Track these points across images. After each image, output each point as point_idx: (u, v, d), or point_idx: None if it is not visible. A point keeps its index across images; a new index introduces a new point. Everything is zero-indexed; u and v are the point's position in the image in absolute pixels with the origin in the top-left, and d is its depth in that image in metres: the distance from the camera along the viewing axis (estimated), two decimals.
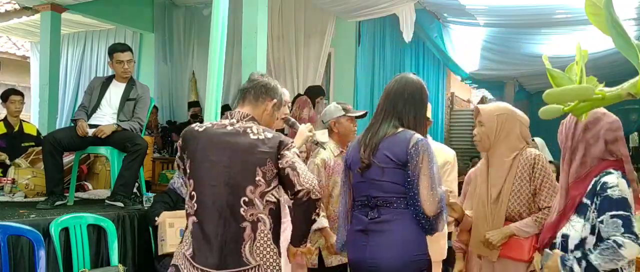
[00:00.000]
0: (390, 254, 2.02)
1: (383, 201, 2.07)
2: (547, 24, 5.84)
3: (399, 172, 2.06)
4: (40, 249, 2.89)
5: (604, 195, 1.81)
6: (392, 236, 2.04)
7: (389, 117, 2.16)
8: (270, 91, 2.13)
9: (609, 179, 1.83)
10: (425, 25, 6.34)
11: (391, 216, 2.05)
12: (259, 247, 1.88)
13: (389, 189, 2.06)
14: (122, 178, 3.77)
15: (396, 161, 2.06)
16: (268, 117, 2.14)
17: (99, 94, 3.99)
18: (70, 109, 7.56)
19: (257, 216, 1.90)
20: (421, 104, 2.19)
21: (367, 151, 2.12)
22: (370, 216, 2.09)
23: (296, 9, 6.28)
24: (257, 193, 1.90)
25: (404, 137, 2.08)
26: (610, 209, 1.78)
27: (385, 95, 2.21)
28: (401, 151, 2.05)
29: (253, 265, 1.87)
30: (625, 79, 0.96)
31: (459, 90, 10.21)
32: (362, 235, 2.11)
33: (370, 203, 2.10)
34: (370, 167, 2.10)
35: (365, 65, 6.55)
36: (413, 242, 2.04)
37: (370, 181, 2.10)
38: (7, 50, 10.11)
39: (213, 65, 3.56)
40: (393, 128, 2.13)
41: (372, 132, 2.16)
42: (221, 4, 3.54)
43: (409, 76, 2.24)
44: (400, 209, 2.05)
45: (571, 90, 0.99)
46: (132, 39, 7.46)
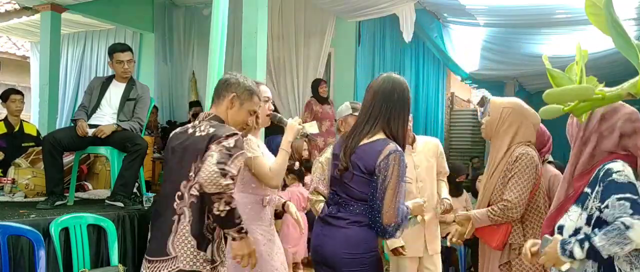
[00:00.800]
0: (331, 247, 2.14)
1: (344, 201, 2.16)
2: (547, 24, 5.84)
3: (366, 182, 2.10)
4: (40, 249, 2.89)
5: (608, 180, 1.69)
6: (339, 233, 2.14)
7: (374, 118, 2.15)
8: (231, 86, 2.18)
9: (613, 165, 1.72)
10: (425, 25, 6.34)
11: (345, 215, 2.14)
12: (178, 238, 1.98)
13: (352, 194, 2.14)
14: (122, 178, 3.77)
15: (365, 171, 2.10)
16: (234, 113, 2.18)
17: (99, 94, 3.99)
18: (70, 109, 7.56)
19: (182, 209, 2.00)
20: (408, 105, 2.20)
21: (347, 153, 2.16)
22: (329, 210, 2.22)
23: (296, 9, 6.28)
24: (188, 187, 2.00)
25: (376, 148, 2.09)
26: (616, 192, 1.65)
27: (372, 94, 2.18)
28: (371, 162, 2.08)
29: (172, 256, 1.96)
30: (625, 79, 0.96)
31: (459, 90, 10.21)
32: (320, 224, 2.26)
33: (334, 199, 2.21)
34: (346, 170, 2.15)
35: (365, 65, 6.55)
36: (353, 243, 2.11)
37: (341, 180, 2.17)
38: (7, 50, 10.11)
39: (213, 65, 3.56)
40: (373, 133, 2.13)
41: (355, 133, 2.18)
42: (221, 4, 3.53)
43: (395, 76, 2.22)
44: (356, 212, 2.13)
45: (571, 90, 0.99)
46: (132, 39, 7.46)
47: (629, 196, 1.62)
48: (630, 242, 1.57)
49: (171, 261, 1.96)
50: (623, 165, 1.74)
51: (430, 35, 6.58)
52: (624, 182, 1.66)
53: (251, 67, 3.82)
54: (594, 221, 1.73)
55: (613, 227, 1.59)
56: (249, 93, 2.20)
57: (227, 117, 2.15)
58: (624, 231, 1.57)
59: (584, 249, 1.63)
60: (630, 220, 1.57)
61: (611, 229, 1.60)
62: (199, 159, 1.98)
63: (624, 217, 1.58)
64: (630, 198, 1.62)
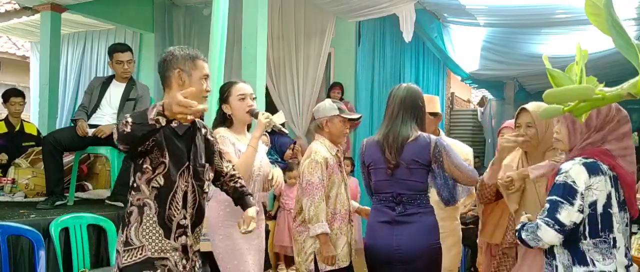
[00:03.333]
0: (413, 242, 2.36)
1: (408, 197, 2.40)
2: (547, 24, 5.84)
3: (424, 172, 2.41)
4: (40, 249, 2.89)
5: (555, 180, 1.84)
6: (415, 226, 2.38)
7: (407, 121, 2.44)
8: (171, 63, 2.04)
9: (565, 165, 1.82)
10: (425, 25, 6.33)
11: (415, 210, 2.40)
12: (145, 229, 1.97)
13: (414, 187, 2.40)
14: (122, 178, 3.77)
15: (422, 163, 2.39)
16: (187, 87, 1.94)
17: (99, 94, 3.99)
18: (70, 109, 7.56)
19: (143, 201, 1.98)
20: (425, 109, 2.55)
21: (393, 152, 2.40)
22: (398, 211, 2.41)
23: (296, 9, 6.28)
24: (144, 180, 1.97)
25: (424, 142, 2.41)
26: (551, 193, 1.82)
27: (399, 100, 2.48)
28: (425, 154, 2.39)
29: (137, 246, 1.97)
30: (625, 79, 0.96)
31: (459, 90, 10.21)
32: (387, 226, 2.42)
33: (396, 199, 2.41)
34: (398, 167, 2.39)
35: (365, 65, 6.55)
36: (431, 232, 2.41)
37: (396, 179, 2.41)
38: (7, 50, 10.11)
39: (213, 65, 3.56)
40: (413, 132, 2.42)
41: (393, 135, 2.43)
42: (221, 4, 3.54)
43: (414, 86, 2.57)
44: (423, 204, 2.42)
45: (571, 90, 0.99)
46: (132, 39, 7.46)
47: (554, 197, 1.79)
48: (540, 239, 1.81)
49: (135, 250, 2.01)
50: (574, 164, 1.80)
51: (430, 35, 6.57)
52: (560, 183, 1.80)
53: (251, 67, 3.82)
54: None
55: (532, 225, 1.85)
56: (191, 60, 2.03)
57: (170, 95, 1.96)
58: (536, 230, 1.82)
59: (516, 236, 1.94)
60: (540, 222, 1.81)
61: (530, 226, 1.85)
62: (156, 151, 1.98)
63: (539, 218, 1.82)
64: (553, 200, 1.79)
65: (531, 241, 1.85)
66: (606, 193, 1.78)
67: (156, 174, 1.98)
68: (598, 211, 1.78)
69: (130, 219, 1.99)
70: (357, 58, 6.46)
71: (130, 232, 1.98)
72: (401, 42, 6.06)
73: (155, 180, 1.98)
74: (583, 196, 1.77)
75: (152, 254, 1.98)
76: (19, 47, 10.24)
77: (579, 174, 1.77)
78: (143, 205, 1.98)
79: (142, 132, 1.76)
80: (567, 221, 1.77)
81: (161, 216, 1.99)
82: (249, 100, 2.68)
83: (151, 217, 1.99)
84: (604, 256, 1.79)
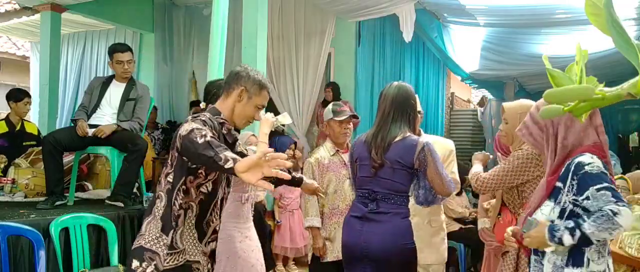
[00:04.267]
0: (382, 241, 2.34)
1: (382, 195, 2.38)
2: (547, 24, 5.83)
3: (406, 173, 2.38)
4: (40, 249, 2.89)
5: (581, 172, 1.76)
6: (384, 226, 2.36)
7: (397, 121, 2.42)
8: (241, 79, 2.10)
9: (583, 158, 1.79)
10: (425, 25, 6.33)
11: (387, 209, 2.38)
12: (152, 219, 2.01)
13: (392, 187, 2.38)
14: (122, 178, 3.77)
15: (405, 164, 2.36)
16: (241, 106, 2.07)
17: (99, 94, 3.99)
18: (70, 109, 7.56)
19: (188, 204, 2.01)
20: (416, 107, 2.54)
21: (379, 151, 2.38)
22: (370, 207, 2.40)
23: (296, 9, 6.28)
24: (164, 174, 2.03)
25: (411, 143, 2.37)
26: (593, 183, 1.73)
27: (390, 100, 2.45)
28: (410, 156, 2.36)
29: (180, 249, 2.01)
30: (625, 79, 0.96)
31: (459, 90, 10.21)
32: (358, 221, 2.42)
33: (371, 196, 2.40)
34: (383, 166, 2.38)
35: (365, 65, 6.54)
36: (402, 233, 2.37)
37: (378, 178, 2.39)
38: (7, 50, 10.11)
39: (213, 65, 3.56)
40: (401, 132, 2.40)
41: (382, 135, 2.41)
42: (221, 4, 3.54)
43: (405, 84, 2.54)
44: (397, 204, 2.38)
45: (571, 90, 0.99)
46: (132, 39, 7.46)
47: (606, 185, 1.72)
48: (619, 227, 1.67)
49: (140, 237, 2.01)
50: (591, 157, 1.79)
51: (430, 35, 6.57)
52: (597, 173, 1.75)
53: (251, 67, 3.82)
54: (568, 213, 1.80)
55: (601, 214, 1.68)
56: (258, 87, 2.11)
57: (232, 110, 2.08)
58: (613, 217, 1.66)
59: (575, 237, 1.71)
60: (617, 207, 1.67)
61: (600, 216, 1.68)
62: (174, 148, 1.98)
63: (610, 205, 1.68)
64: (608, 187, 1.72)
65: (603, 232, 1.67)
66: None
67: (207, 180, 2.03)
68: None
69: (178, 221, 2.00)
70: (357, 58, 6.46)
71: (176, 235, 2.00)
72: (401, 42, 6.06)
73: (205, 186, 2.03)
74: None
75: (190, 257, 2.03)
76: (19, 47, 10.24)
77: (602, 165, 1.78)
78: (187, 208, 2.01)
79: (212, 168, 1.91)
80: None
81: (200, 220, 2.04)
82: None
83: (191, 220, 2.02)
84: (599, 254, 1.79)
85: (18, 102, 4.81)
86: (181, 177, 1.98)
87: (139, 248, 1.98)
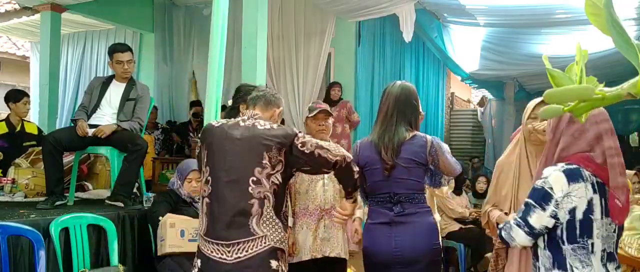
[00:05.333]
0: (414, 243, 2.33)
1: (406, 196, 2.38)
2: (547, 24, 5.84)
3: (421, 170, 2.40)
4: (40, 249, 2.89)
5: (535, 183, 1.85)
6: (416, 227, 2.35)
7: (401, 121, 2.42)
8: (279, 101, 2.47)
9: (546, 170, 1.82)
10: (425, 25, 6.34)
11: (414, 210, 2.38)
12: (265, 220, 2.13)
13: (412, 187, 2.38)
14: (122, 178, 3.77)
15: (419, 162, 2.38)
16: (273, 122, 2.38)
17: (99, 94, 3.98)
18: (70, 109, 7.56)
19: (263, 194, 2.13)
20: (418, 107, 2.55)
21: (389, 153, 2.37)
22: (396, 211, 2.37)
23: (296, 9, 6.28)
24: (264, 174, 2.15)
25: (421, 141, 2.41)
26: (529, 196, 1.84)
27: (394, 100, 2.45)
28: (422, 153, 2.39)
29: (260, 235, 2.10)
30: (625, 79, 0.96)
31: (459, 90, 10.22)
32: (386, 227, 2.38)
33: (393, 199, 2.38)
34: (395, 167, 2.37)
35: (365, 65, 6.54)
36: (432, 232, 2.40)
37: (394, 179, 2.37)
38: (7, 50, 10.11)
39: (213, 65, 3.56)
40: (407, 132, 2.41)
41: (389, 135, 2.40)
42: (221, 4, 3.54)
43: (407, 83, 2.55)
44: (421, 204, 2.40)
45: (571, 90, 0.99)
46: (132, 39, 7.46)
47: (529, 200, 1.82)
48: (513, 239, 1.87)
49: (260, 239, 2.10)
50: (555, 170, 1.79)
51: (430, 35, 6.58)
52: (538, 187, 1.81)
53: (251, 67, 3.82)
54: None
55: (509, 224, 1.89)
56: (282, 115, 2.52)
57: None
58: (510, 230, 1.87)
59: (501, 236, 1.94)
60: (512, 222, 1.86)
61: (508, 225, 1.89)
62: (276, 150, 2.17)
63: (513, 218, 1.87)
64: (528, 203, 1.82)
65: (508, 239, 1.90)
66: (587, 199, 1.75)
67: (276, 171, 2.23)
68: (577, 217, 1.75)
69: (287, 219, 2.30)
70: (357, 58, 6.46)
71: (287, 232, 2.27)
72: (401, 42, 6.06)
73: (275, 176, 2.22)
74: (558, 203, 1.75)
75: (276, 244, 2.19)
76: (19, 47, 10.24)
77: (557, 181, 1.76)
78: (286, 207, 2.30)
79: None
80: (537, 225, 1.79)
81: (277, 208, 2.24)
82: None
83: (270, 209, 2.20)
84: (582, 263, 1.77)
85: (17, 103, 4.81)
86: (287, 179, 2.25)
87: (273, 249, 2.11)
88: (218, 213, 2.12)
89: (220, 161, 2.18)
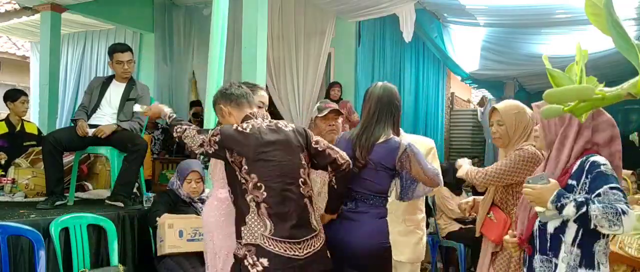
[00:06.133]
0: (358, 240, 2.37)
1: (361, 195, 2.41)
2: (547, 24, 5.84)
3: (387, 175, 2.42)
4: (40, 249, 2.89)
5: (597, 171, 1.77)
6: (361, 225, 2.39)
7: (381, 121, 2.44)
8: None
9: (597, 158, 1.80)
10: (425, 25, 6.34)
11: (366, 209, 2.41)
12: (316, 217, 2.34)
13: (372, 188, 2.41)
14: (122, 178, 3.77)
15: (387, 167, 2.40)
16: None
17: (99, 94, 3.98)
18: (70, 109, 7.56)
19: (310, 192, 2.34)
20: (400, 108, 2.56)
21: (363, 152, 2.40)
22: (348, 206, 2.43)
23: (296, 9, 6.28)
24: (306, 174, 2.34)
25: (393, 146, 2.41)
26: (607, 182, 1.74)
27: (376, 100, 2.48)
28: (391, 159, 2.40)
29: (318, 230, 2.32)
30: (625, 79, 0.96)
31: (459, 90, 10.22)
32: (338, 220, 2.44)
33: (350, 195, 2.43)
34: (366, 167, 2.39)
35: (365, 65, 6.55)
36: (377, 232, 2.40)
37: (360, 178, 2.40)
38: (7, 50, 10.11)
39: (213, 65, 3.56)
40: (385, 133, 2.43)
41: (367, 135, 2.43)
42: (221, 4, 3.54)
43: (389, 84, 2.56)
44: (375, 205, 2.41)
45: (571, 90, 0.99)
46: (132, 39, 7.46)
47: (618, 186, 1.75)
48: (620, 226, 1.68)
49: (319, 234, 2.31)
50: (604, 159, 1.81)
51: (430, 35, 6.58)
52: (611, 174, 1.78)
53: (251, 67, 3.82)
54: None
55: (612, 207, 1.69)
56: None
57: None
58: (620, 215, 1.67)
59: (578, 211, 1.71)
60: (626, 208, 1.69)
61: (610, 207, 1.68)
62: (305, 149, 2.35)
63: (621, 204, 1.69)
64: (620, 188, 1.76)
65: (604, 222, 1.68)
66: None
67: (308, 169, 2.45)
68: None
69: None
70: (357, 58, 6.46)
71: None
72: (401, 42, 6.06)
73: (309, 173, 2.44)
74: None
75: None
76: (19, 47, 10.24)
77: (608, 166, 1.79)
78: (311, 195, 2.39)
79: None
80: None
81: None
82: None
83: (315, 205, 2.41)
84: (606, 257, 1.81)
85: (15, 102, 4.81)
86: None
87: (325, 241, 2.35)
88: (283, 215, 2.24)
89: (268, 168, 2.26)
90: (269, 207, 2.24)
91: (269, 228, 2.23)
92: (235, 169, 2.28)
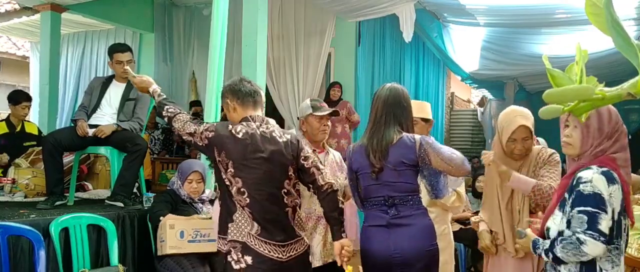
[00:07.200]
0: (412, 245, 2.32)
1: (400, 199, 2.36)
2: (547, 24, 5.84)
3: (412, 172, 2.38)
4: (40, 249, 2.88)
5: (576, 190, 1.79)
6: (412, 229, 2.34)
7: (390, 123, 2.40)
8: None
9: (584, 174, 1.79)
10: (425, 25, 6.34)
11: (409, 212, 2.36)
12: (298, 223, 2.41)
13: (403, 189, 2.36)
14: (122, 178, 3.77)
15: (409, 164, 2.35)
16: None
17: (99, 94, 3.98)
18: (70, 109, 7.56)
19: (294, 202, 2.38)
20: (411, 110, 2.52)
21: (377, 155, 2.36)
22: (391, 213, 2.36)
23: (296, 9, 6.28)
24: (291, 185, 2.36)
25: (409, 142, 2.37)
26: (579, 204, 1.77)
27: (382, 102, 2.45)
28: (411, 154, 2.35)
29: (301, 236, 2.40)
30: (625, 79, 0.96)
31: (459, 90, 10.22)
32: (383, 230, 2.37)
33: (388, 202, 2.37)
34: (383, 170, 2.36)
35: (365, 65, 6.54)
36: (428, 234, 2.38)
37: (384, 182, 2.36)
38: (7, 50, 10.11)
39: (213, 65, 3.56)
40: (396, 134, 2.38)
41: (378, 138, 2.39)
42: (221, 4, 3.54)
43: (398, 86, 2.52)
44: (416, 206, 2.38)
45: (571, 90, 0.99)
46: (132, 39, 7.46)
47: (588, 209, 1.74)
48: (585, 254, 1.74)
49: (302, 240, 2.40)
50: (593, 173, 1.78)
51: (430, 35, 6.58)
52: (588, 193, 1.76)
53: (251, 67, 3.82)
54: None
55: (570, 240, 1.76)
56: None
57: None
58: (579, 246, 1.74)
59: (549, 257, 1.85)
60: (583, 236, 1.73)
61: (568, 243, 1.77)
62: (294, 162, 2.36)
63: (578, 233, 1.74)
64: (588, 211, 1.74)
65: (571, 257, 1.77)
66: (620, 201, 1.78)
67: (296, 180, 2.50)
68: (614, 218, 1.78)
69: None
70: (357, 58, 6.46)
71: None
72: (401, 42, 6.06)
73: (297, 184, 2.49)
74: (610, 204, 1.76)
75: None
76: (19, 47, 10.24)
77: (601, 183, 1.76)
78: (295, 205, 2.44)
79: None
80: (607, 230, 1.74)
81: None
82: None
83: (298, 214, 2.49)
84: (613, 263, 1.80)
85: (16, 105, 4.83)
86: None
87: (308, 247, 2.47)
88: (266, 220, 2.29)
89: (252, 176, 2.27)
90: (252, 212, 2.27)
91: (255, 228, 2.27)
92: (221, 169, 2.29)
